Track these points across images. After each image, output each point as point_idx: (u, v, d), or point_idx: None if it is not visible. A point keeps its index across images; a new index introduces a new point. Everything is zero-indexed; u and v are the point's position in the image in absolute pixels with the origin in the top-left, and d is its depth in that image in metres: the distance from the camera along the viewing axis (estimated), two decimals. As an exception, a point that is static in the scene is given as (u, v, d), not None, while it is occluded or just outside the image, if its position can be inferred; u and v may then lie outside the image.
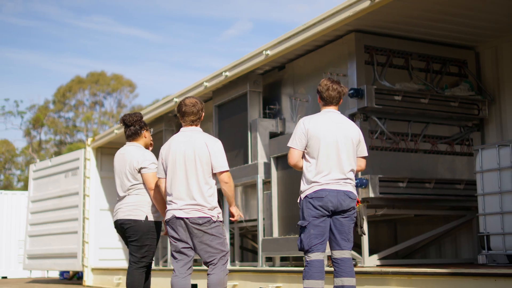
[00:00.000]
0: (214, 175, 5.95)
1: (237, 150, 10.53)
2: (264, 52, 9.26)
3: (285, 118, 10.10)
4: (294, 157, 5.74)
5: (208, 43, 76.56)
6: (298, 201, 5.78)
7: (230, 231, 10.93)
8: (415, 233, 10.09)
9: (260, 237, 9.66)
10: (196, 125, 6.09)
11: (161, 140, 12.78)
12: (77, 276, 17.94)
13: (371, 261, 8.58)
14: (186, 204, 5.84)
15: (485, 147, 8.05)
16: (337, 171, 5.60)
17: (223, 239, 5.93)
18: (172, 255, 5.97)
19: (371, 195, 8.32)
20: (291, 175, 9.15)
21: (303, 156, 5.76)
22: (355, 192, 5.68)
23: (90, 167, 15.18)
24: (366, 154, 5.86)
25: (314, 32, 8.41)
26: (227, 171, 5.93)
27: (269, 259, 9.88)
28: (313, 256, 5.59)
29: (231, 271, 9.86)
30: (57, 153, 43.94)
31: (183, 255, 5.91)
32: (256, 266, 9.86)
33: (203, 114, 6.14)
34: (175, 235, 5.90)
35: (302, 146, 5.70)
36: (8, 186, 49.06)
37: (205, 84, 10.73)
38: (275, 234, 9.40)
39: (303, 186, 5.69)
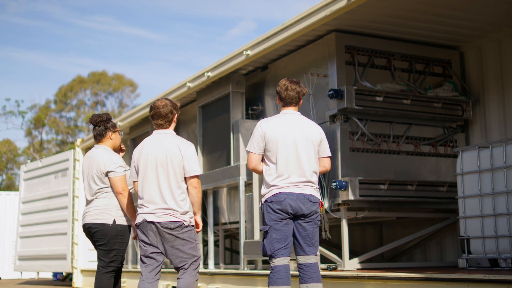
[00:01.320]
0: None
1: (220, 152, 10.41)
2: (244, 52, 9.13)
3: (269, 119, 9.96)
4: (252, 161, 5.61)
5: (212, 43, 76.52)
6: (260, 205, 5.66)
7: (214, 232, 10.82)
8: (400, 235, 9.95)
9: (242, 239, 9.53)
10: (168, 128, 5.96)
11: (147, 141, 12.69)
12: (71, 277, 17.85)
13: (351, 265, 8.44)
14: (157, 208, 5.73)
15: (465, 149, 7.91)
16: (297, 174, 5.46)
17: (195, 243, 5.82)
18: (141, 260, 5.87)
19: (351, 197, 8.18)
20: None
21: (263, 160, 5.63)
22: (317, 195, 5.53)
23: (80, 168, 15.07)
24: (328, 154, 5.70)
25: (292, 32, 8.28)
26: (197, 176, 5.82)
27: (252, 262, 9.76)
28: (277, 261, 5.46)
29: (213, 274, 9.76)
30: (59, 153, 43.96)
31: (152, 260, 5.80)
32: (238, 269, 9.74)
33: (176, 116, 6.01)
34: (145, 240, 5.79)
35: (261, 150, 5.57)
36: (10, 186, 49.12)
37: (188, 84, 10.61)
38: (256, 237, 9.27)
39: (263, 190, 5.57)
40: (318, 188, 5.61)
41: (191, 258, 5.77)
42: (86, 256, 14.89)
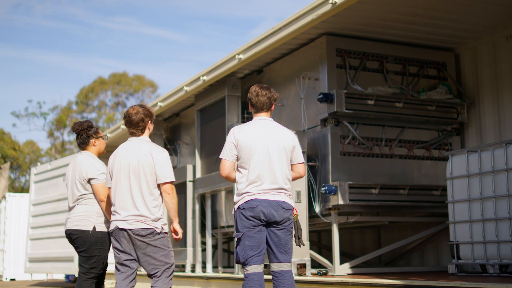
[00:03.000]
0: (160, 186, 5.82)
1: (217, 155, 10.34)
2: (236, 56, 9.12)
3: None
4: (225, 169, 5.58)
5: (233, 43, 76.60)
6: (233, 213, 5.63)
7: (213, 236, 10.82)
8: (398, 239, 9.86)
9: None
10: (141, 135, 5.95)
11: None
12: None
13: (342, 270, 8.39)
14: (129, 215, 5.71)
15: (455, 153, 7.82)
16: (269, 180, 5.43)
17: (167, 251, 5.79)
18: (116, 267, 5.86)
19: (341, 202, 8.13)
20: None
21: (236, 167, 5.61)
22: (290, 202, 5.48)
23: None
24: (301, 160, 5.64)
25: (281, 36, 8.26)
26: (171, 182, 5.79)
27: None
28: (251, 269, 5.42)
29: (209, 278, 9.76)
30: (67, 156, 44.26)
31: (126, 267, 5.79)
32: (233, 273, 9.73)
33: (149, 123, 5.98)
34: (119, 247, 5.78)
35: (233, 157, 5.54)
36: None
37: (185, 88, 10.62)
38: (250, 241, 9.23)
39: (236, 197, 5.53)
40: (291, 195, 5.56)
41: (164, 265, 5.74)
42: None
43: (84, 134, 6.65)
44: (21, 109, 77.19)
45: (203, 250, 11.37)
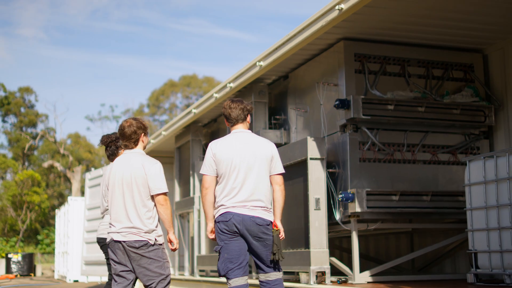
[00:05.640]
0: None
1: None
2: (257, 63, 9.12)
3: (295, 128, 9.88)
4: (205, 183, 5.60)
5: (304, 42, 76.33)
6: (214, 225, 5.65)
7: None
8: (430, 245, 9.62)
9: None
10: (134, 147, 6.03)
11: (188, 150, 12.87)
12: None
13: (362, 278, 8.27)
14: (123, 227, 5.81)
15: (473, 158, 7.59)
16: (245, 193, 5.39)
17: (162, 262, 5.86)
18: (113, 278, 5.98)
19: (358, 209, 8.02)
20: (293, 187, 8.85)
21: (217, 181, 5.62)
22: (266, 216, 5.38)
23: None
24: (280, 171, 5.58)
25: (295, 43, 8.22)
26: (164, 193, 5.85)
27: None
28: (233, 282, 5.40)
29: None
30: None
31: (122, 279, 5.89)
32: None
33: (142, 135, 6.06)
34: (115, 258, 5.89)
35: (213, 171, 5.54)
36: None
37: (215, 95, 10.70)
38: (275, 247, 9.21)
39: (214, 210, 5.55)
40: (270, 209, 5.49)
41: (159, 276, 5.81)
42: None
43: (113, 145, 6.89)
44: (95, 113, 79.39)
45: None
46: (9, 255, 27.31)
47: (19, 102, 50.06)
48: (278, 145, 9.73)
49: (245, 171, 5.42)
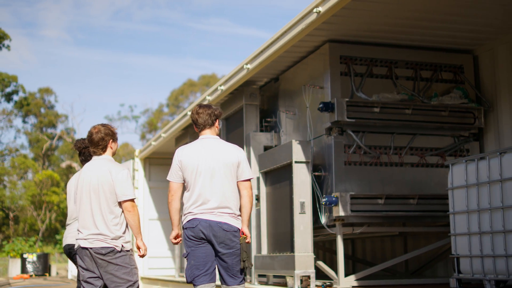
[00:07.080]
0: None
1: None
2: (244, 66, 9.08)
3: (282, 131, 9.84)
4: (171, 190, 5.59)
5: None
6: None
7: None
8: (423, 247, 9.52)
9: (253, 254, 9.48)
10: (102, 154, 6.03)
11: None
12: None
13: (347, 282, 8.20)
14: (90, 234, 5.82)
15: (455, 162, 7.48)
16: (212, 200, 5.36)
17: (130, 268, 5.85)
18: (81, 284, 5.98)
19: (341, 213, 7.95)
20: (280, 191, 8.86)
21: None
22: (233, 223, 5.36)
23: (139, 178, 15.50)
24: (247, 177, 5.53)
25: (278, 46, 8.15)
26: (131, 200, 5.85)
27: (263, 276, 9.68)
28: (200, 289, 5.39)
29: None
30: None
31: (90, 285, 5.89)
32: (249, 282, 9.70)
33: (110, 141, 6.05)
34: (82, 265, 5.90)
35: (179, 178, 5.53)
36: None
37: (208, 98, 10.68)
38: (264, 251, 9.19)
39: (182, 217, 5.54)
40: (237, 215, 5.46)
41: (126, 283, 5.80)
42: (146, 264, 15.29)
43: (87, 151, 6.83)
44: (114, 113, 79.83)
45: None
46: (24, 255, 27.57)
47: (39, 103, 50.58)
48: (268, 148, 9.73)
49: (211, 178, 5.40)
